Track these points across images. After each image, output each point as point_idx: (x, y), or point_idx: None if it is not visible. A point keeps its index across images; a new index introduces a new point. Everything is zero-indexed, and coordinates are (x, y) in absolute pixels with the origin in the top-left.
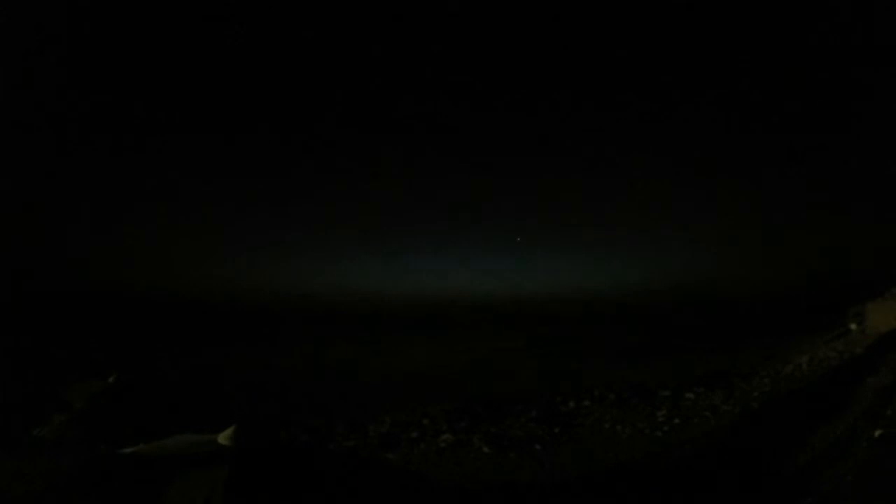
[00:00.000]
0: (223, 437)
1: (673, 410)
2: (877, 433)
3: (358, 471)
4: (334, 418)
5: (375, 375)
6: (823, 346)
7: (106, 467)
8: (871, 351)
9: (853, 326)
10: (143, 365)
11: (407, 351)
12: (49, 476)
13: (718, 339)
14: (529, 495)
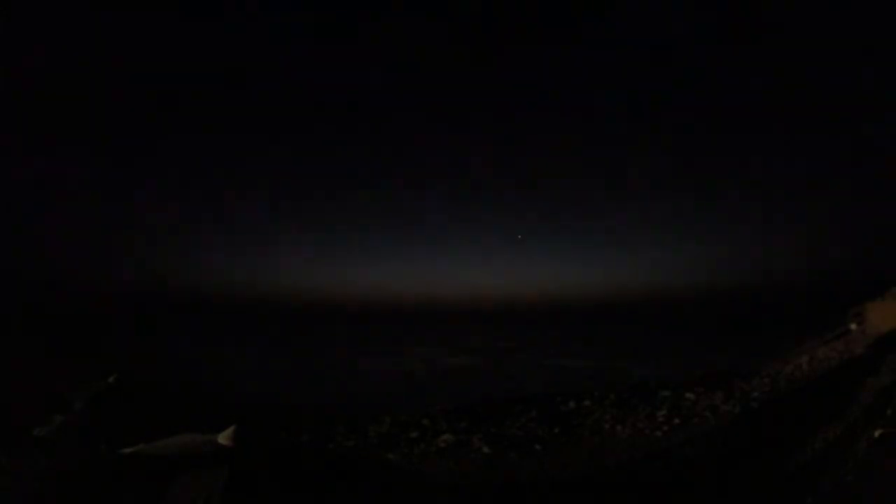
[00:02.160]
0: (223, 437)
1: (673, 410)
2: (877, 433)
3: (358, 471)
4: (334, 418)
5: (375, 375)
6: (823, 346)
7: (106, 467)
8: (871, 351)
9: (853, 326)
10: (144, 365)
11: (407, 351)
12: (49, 476)
13: (718, 339)
14: (529, 495)
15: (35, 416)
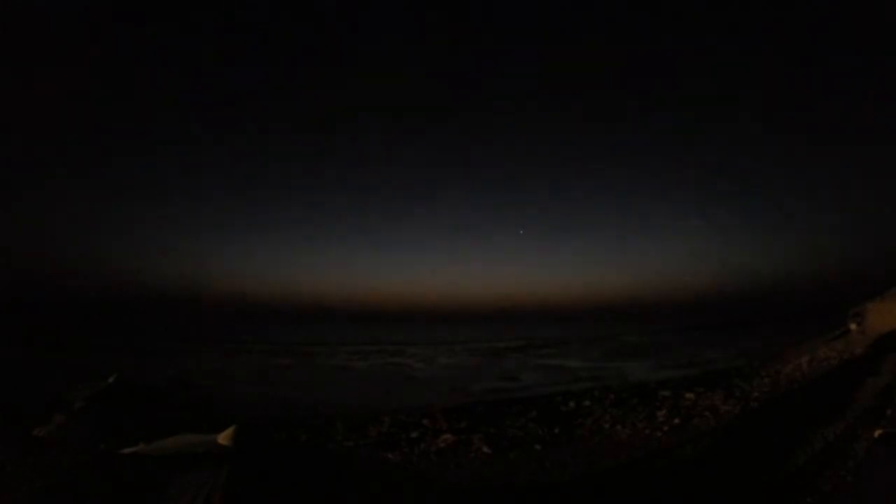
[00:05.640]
0: (223, 437)
1: (673, 410)
2: (877, 433)
3: (358, 471)
4: (334, 418)
5: (375, 375)
6: (823, 346)
7: (106, 467)
8: (871, 351)
9: (853, 326)
10: (143, 365)
11: (407, 351)
12: (49, 476)
13: (718, 339)
14: (529, 495)
15: (35, 416)
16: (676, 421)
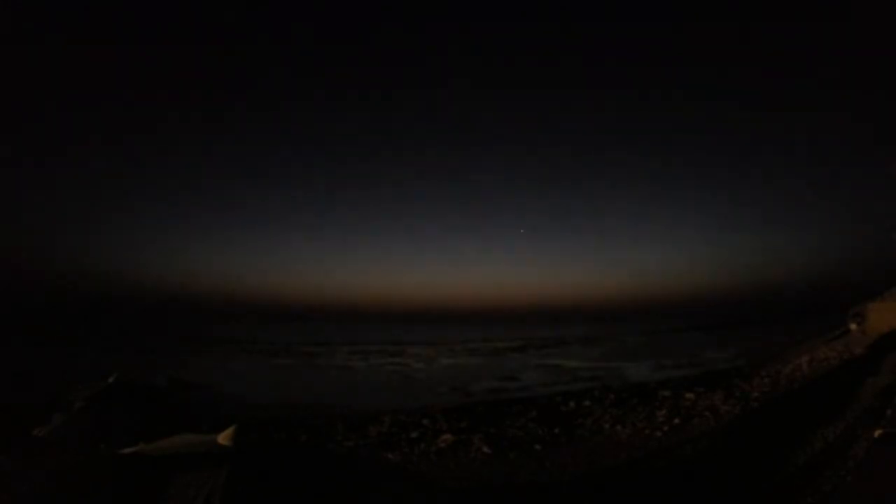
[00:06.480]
0: (223, 437)
1: (673, 410)
2: (877, 433)
3: (358, 471)
4: (334, 418)
5: (375, 375)
6: (823, 346)
7: (106, 467)
8: (871, 351)
9: (853, 326)
10: (143, 365)
11: (407, 351)
12: (49, 476)
13: (718, 339)
14: (529, 495)
15: (35, 416)
16: (676, 421)
